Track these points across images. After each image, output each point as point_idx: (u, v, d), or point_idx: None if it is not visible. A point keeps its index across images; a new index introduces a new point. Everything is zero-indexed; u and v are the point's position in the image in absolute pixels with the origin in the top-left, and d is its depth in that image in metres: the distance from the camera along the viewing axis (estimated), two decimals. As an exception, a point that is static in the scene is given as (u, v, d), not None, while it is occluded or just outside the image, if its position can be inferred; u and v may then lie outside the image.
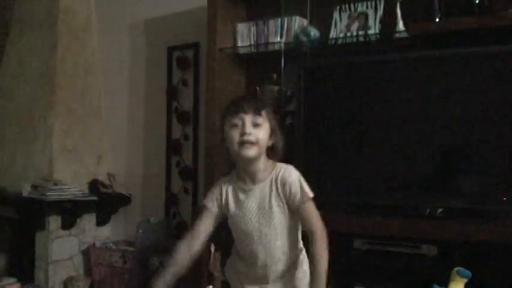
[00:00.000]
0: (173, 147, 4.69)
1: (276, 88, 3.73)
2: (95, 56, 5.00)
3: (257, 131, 2.02)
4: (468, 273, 2.28)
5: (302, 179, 2.07)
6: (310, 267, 2.04)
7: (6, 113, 4.90)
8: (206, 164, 3.94)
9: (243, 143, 2.01)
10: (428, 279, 2.55)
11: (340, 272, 3.32)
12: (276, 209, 2.06)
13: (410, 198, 3.14)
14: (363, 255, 3.20)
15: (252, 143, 2.01)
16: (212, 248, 3.27)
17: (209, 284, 3.31)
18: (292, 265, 2.17)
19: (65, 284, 4.43)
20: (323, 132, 3.33)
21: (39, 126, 4.63)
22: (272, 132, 2.09)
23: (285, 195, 2.04)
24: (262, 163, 2.07)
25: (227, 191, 2.14)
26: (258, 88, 3.81)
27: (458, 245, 2.88)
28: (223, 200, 2.14)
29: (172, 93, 4.71)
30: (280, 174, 2.06)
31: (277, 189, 2.05)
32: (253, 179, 2.09)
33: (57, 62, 4.63)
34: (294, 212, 2.06)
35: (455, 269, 2.33)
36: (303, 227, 2.10)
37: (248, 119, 2.02)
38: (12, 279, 4.38)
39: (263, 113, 2.05)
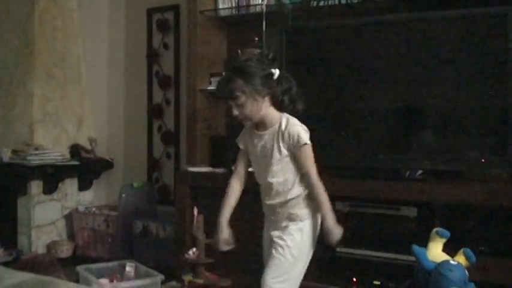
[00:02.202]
0: (155, 112, 4.67)
1: (258, 51, 3.70)
2: (74, 20, 4.91)
3: (242, 109, 2.33)
4: (447, 233, 2.32)
5: (301, 129, 2.35)
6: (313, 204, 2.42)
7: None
8: (188, 128, 3.93)
9: (239, 121, 2.41)
10: (408, 240, 2.59)
11: (321, 234, 3.37)
12: (277, 150, 2.37)
13: (390, 161, 3.17)
14: (344, 217, 3.23)
15: (243, 119, 2.38)
16: (195, 212, 3.29)
17: (193, 247, 3.33)
18: (295, 201, 2.43)
19: (48, 248, 4.45)
20: (304, 95, 3.33)
21: (19, 91, 4.57)
22: (256, 98, 2.34)
23: (287, 140, 2.35)
24: (268, 117, 2.39)
25: (249, 135, 2.49)
26: (239, 51, 3.78)
27: (437, 206, 2.93)
28: (247, 141, 2.50)
29: (152, 57, 4.67)
30: (283, 123, 2.37)
31: (281, 135, 2.36)
32: (265, 127, 2.42)
33: (35, 27, 4.55)
34: (295, 156, 2.37)
35: (435, 229, 2.37)
36: (300, 169, 2.38)
37: (231, 103, 2.34)
38: (-5, 245, 4.39)
39: (237, 94, 2.31)
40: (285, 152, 2.36)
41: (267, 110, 2.37)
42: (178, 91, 4.53)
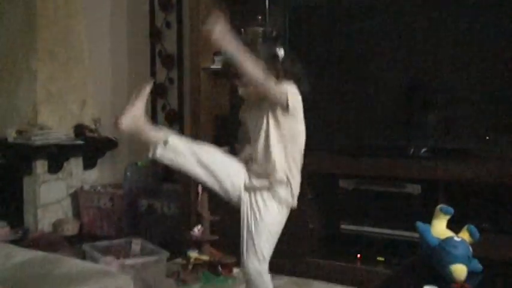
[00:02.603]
0: (158, 91, 4.67)
1: (261, 29, 3.69)
2: (76, -1, 4.89)
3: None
4: (451, 210, 2.33)
5: (291, 90, 2.29)
6: None
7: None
8: (192, 107, 3.94)
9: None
10: (413, 217, 2.61)
11: (326, 210, 3.39)
12: (274, 118, 2.31)
13: (395, 139, 3.17)
14: (348, 194, 3.25)
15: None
16: (200, 190, 3.31)
17: (198, 224, 3.36)
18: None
19: (54, 227, 4.48)
20: (308, 74, 3.33)
21: (22, 72, 4.57)
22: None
23: None
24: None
25: (249, 108, 2.49)
26: (243, 30, 3.77)
27: (441, 183, 2.94)
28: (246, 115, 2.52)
29: (155, 36, 4.65)
30: None
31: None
32: None
33: (38, 6, 4.53)
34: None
35: (439, 206, 2.37)
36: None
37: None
38: (2, 223, 4.41)
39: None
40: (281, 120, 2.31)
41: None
42: (182, 70, 4.52)
